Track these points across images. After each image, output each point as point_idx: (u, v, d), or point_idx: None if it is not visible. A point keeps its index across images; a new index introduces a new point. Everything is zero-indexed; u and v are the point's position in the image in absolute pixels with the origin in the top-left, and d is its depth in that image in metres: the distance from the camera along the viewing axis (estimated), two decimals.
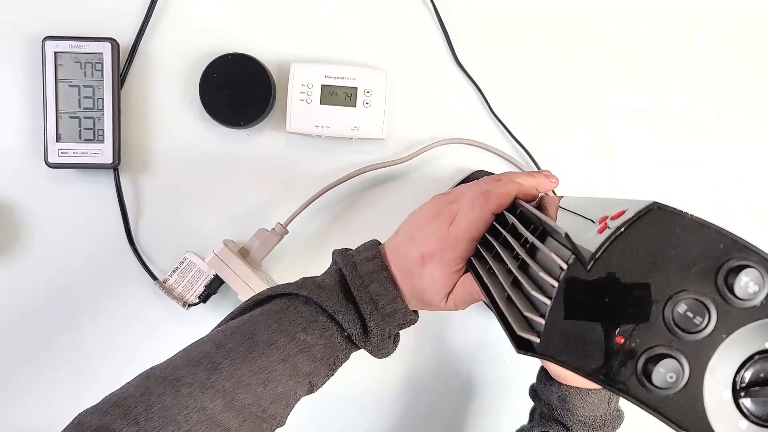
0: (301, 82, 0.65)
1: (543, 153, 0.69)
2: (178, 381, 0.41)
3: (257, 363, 0.43)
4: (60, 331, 0.68)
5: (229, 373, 0.42)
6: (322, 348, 0.45)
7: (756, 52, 0.70)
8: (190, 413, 0.40)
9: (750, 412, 0.27)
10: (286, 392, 0.45)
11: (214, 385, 0.41)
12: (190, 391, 0.41)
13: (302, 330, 0.45)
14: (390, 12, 0.68)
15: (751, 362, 0.27)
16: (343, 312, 0.45)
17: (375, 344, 0.47)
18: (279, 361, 0.44)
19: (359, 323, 0.46)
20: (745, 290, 0.26)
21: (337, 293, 0.46)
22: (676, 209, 0.27)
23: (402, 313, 0.47)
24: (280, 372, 0.44)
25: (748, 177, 0.71)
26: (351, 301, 0.46)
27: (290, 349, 0.44)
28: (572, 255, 0.28)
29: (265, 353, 0.44)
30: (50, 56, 0.63)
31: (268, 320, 0.45)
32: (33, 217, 0.67)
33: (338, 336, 0.46)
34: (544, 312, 0.29)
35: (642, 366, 0.28)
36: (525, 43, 0.69)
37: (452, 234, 0.45)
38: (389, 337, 0.48)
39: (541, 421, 0.55)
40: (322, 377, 0.47)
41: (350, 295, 0.46)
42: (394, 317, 0.47)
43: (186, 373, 0.42)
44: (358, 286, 0.46)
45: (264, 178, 0.69)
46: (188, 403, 0.40)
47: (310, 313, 0.46)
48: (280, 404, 0.45)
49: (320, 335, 0.45)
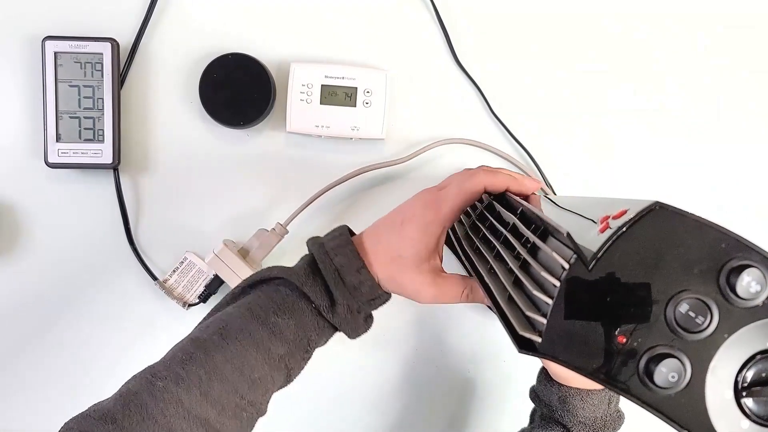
0: (301, 82, 0.65)
1: (543, 153, 0.69)
2: (153, 376, 0.41)
3: (230, 350, 0.43)
4: (60, 331, 0.68)
5: (202, 363, 0.42)
6: (294, 329, 0.46)
7: (756, 52, 0.70)
8: (167, 407, 0.40)
9: (752, 412, 0.27)
10: (263, 377, 0.45)
11: (188, 376, 0.41)
12: (164, 385, 0.41)
13: (273, 313, 0.46)
14: (390, 12, 0.68)
15: (753, 362, 0.27)
16: (309, 284, 0.46)
17: (343, 317, 0.47)
18: (252, 345, 0.44)
19: (326, 296, 0.47)
20: (747, 290, 0.27)
21: (305, 270, 0.47)
22: (678, 209, 0.27)
23: (368, 285, 0.47)
24: (254, 357, 0.44)
25: (748, 177, 0.71)
26: (318, 276, 0.47)
27: (263, 333, 0.45)
28: (574, 254, 0.28)
29: (238, 339, 0.44)
30: (50, 56, 0.63)
31: (240, 309, 0.46)
32: (33, 217, 0.67)
33: (309, 314, 0.47)
34: (546, 311, 0.29)
35: (644, 365, 0.28)
36: (525, 43, 0.69)
37: (439, 196, 0.48)
38: (358, 312, 0.49)
39: (541, 423, 0.55)
40: (298, 360, 0.48)
41: (318, 271, 0.47)
42: (361, 290, 0.47)
43: (161, 368, 0.42)
44: (324, 260, 0.47)
45: (264, 178, 0.69)
46: (164, 397, 0.40)
47: (280, 296, 0.47)
48: (258, 391, 0.45)
49: (291, 315, 0.46)
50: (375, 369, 0.71)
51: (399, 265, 0.48)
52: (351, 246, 0.48)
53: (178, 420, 0.40)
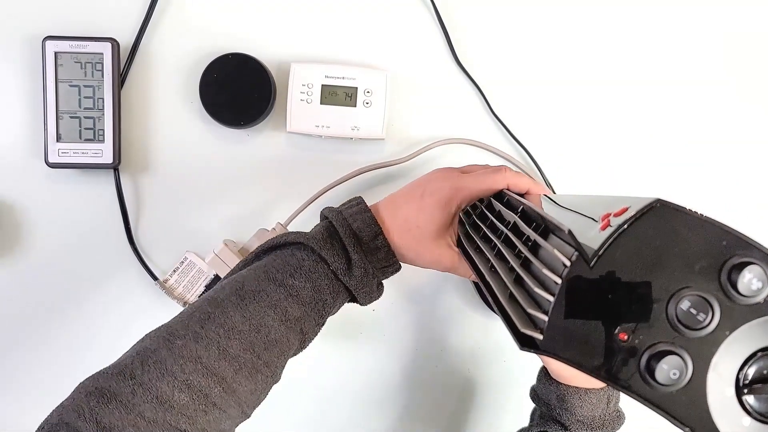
0: (301, 82, 0.65)
1: (543, 153, 0.69)
2: (171, 335, 0.42)
3: (248, 310, 0.44)
4: (60, 331, 0.68)
5: (221, 321, 0.43)
6: (310, 291, 0.47)
7: (756, 51, 0.70)
8: (186, 363, 0.40)
9: (753, 409, 0.27)
10: (280, 339, 0.45)
11: (207, 334, 0.42)
12: (184, 343, 0.41)
13: (290, 275, 0.47)
14: (390, 12, 0.68)
15: (755, 359, 0.27)
16: (327, 248, 0.47)
17: (359, 279, 0.48)
18: (269, 306, 0.45)
19: (343, 257, 0.48)
20: (749, 287, 0.27)
21: (322, 234, 0.49)
22: (680, 206, 0.27)
23: (385, 251, 0.49)
24: (271, 317, 0.45)
25: (748, 176, 0.71)
26: (336, 239, 0.49)
27: (279, 294, 0.46)
28: (575, 252, 0.28)
29: (256, 300, 0.45)
30: (50, 56, 0.63)
31: (256, 272, 0.47)
32: (33, 217, 0.67)
33: (325, 278, 0.48)
34: (547, 309, 0.29)
35: (645, 363, 0.28)
36: (525, 43, 0.69)
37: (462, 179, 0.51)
38: (373, 277, 0.50)
39: (541, 422, 0.55)
40: (312, 325, 0.48)
41: (336, 234, 0.49)
42: (377, 255, 0.49)
43: (179, 327, 0.43)
44: (342, 223, 0.49)
45: (264, 178, 0.69)
46: (183, 353, 0.41)
47: (296, 260, 0.47)
48: (274, 351, 0.45)
49: (307, 278, 0.47)
50: (375, 368, 0.71)
51: (417, 236, 0.50)
52: (369, 213, 0.50)
53: (196, 376, 0.40)
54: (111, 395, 0.38)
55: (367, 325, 0.70)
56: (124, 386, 0.39)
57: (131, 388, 0.38)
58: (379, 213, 0.51)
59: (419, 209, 0.50)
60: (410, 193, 0.51)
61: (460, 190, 0.50)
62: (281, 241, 0.49)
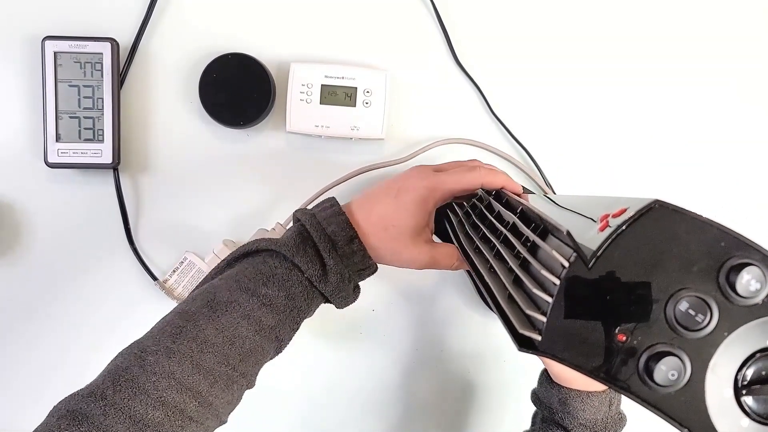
0: (301, 82, 0.65)
1: (543, 153, 0.69)
2: (143, 351, 0.41)
3: (221, 322, 0.43)
4: (60, 331, 0.68)
5: (193, 335, 0.42)
6: (284, 299, 0.46)
7: (756, 51, 0.70)
8: (159, 380, 0.40)
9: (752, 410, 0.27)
10: (254, 349, 0.45)
11: (180, 349, 0.41)
12: (156, 359, 0.41)
13: (262, 284, 0.46)
14: (390, 12, 0.68)
15: (753, 360, 0.27)
16: (300, 255, 0.46)
17: (335, 285, 0.48)
18: (242, 317, 0.44)
19: (318, 263, 0.47)
20: (747, 288, 0.27)
21: (294, 240, 0.47)
22: (678, 207, 0.27)
23: (360, 254, 0.48)
24: (245, 327, 0.44)
25: (748, 177, 0.71)
26: (310, 245, 0.47)
27: (252, 304, 0.45)
28: (574, 253, 0.28)
29: (228, 311, 0.44)
30: (50, 56, 0.63)
31: (228, 281, 0.46)
32: (33, 217, 0.67)
33: (299, 285, 0.47)
34: (546, 310, 0.29)
35: (644, 364, 0.28)
36: (525, 43, 0.69)
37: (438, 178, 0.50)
38: (349, 282, 0.49)
39: (542, 425, 0.55)
40: (288, 332, 0.48)
41: (310, 239, 0.47)
42: (353, 258, 0.48)
43: (151, 343, 0.42)
44: (316, 227, 0.48)
45: (264, 178, 0.69)
46: (155, 370, 0.40)
47: (269, 268, 0.46)
48: (249, 361, 0.45)
49: (281, 287, 0.46)
50: (374, 369, 0.71)
51: (393, 234, 0.49)
52: (343, 216, 0.49)
53: (170, 392, 0.40)
54: (83, 417, 0.37)
55: (367, 325, 0.70)
56: (95, 408, 0.38)
57: (103, 410, 0.38)
58: (354, 214, 0.50)
59: (395, 208, 0.49)
60: (385, 192, 0.50)
61: (435, 190, 0.50)
62: (253, 247, 0.48)
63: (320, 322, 0.70)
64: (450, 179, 0.50)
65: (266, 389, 0.70)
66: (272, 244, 0.47)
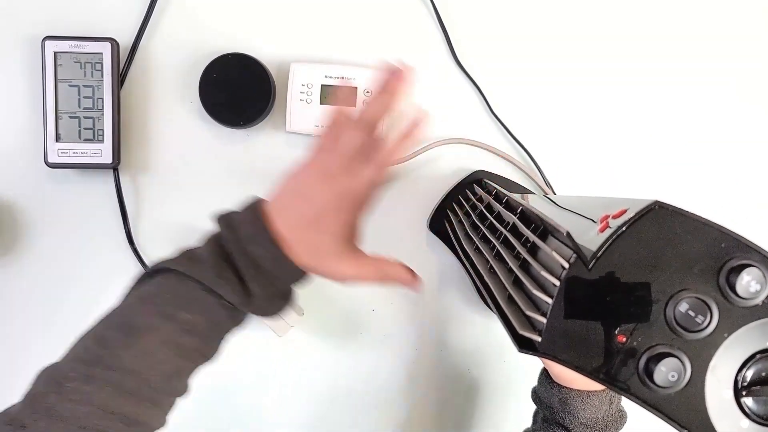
0: (301, 82, 0.65)
1: (543, 153, 0.69)
2: (63, 378, 0.40)
3: (138, 348, 0.42)
4: (59, 331, 0.68)
5: (110, 363, 0.41)
6: (205, 324, 0.44)
7: (756, 51, 0.70)
8: (77, 407, 0.39)
9: (751, 411, 0.27)
10: (179, 369, 0.43)
11: (99, 376, 0.40)
12: (74, 386, 0.40)
13: (182, 309, 0.43)
14: (390, 12, 0.68)
15: (753, 361, 0.27)
16: (222, 284, 0.43)
17: (259, 306, 0.45)
18: (161, 343, 0.42)
19: (240, 289, 0.43)
20: (747, 289, 0.27)
21: (214, 262, 0.43)
22: (678, 208, 0.27)
23: (289, 273, 0.45)
24: (164, 353, 0.42)
25: (748, 177, 0.71)
26: (230, 266, 0.44)
27: (172, 330, 0.42)
28: (574, 254, 0.28)
29: (145, 337, 0.42)
30: (50, 56, 0.63)
31: (145, 304, 0.44)
32: (32, 217, 0.67)
33: (220, 309, 0.44)
34: (546, 311, 0.29)
35: (644, 365, 0.28)
36: (525, 43, 0.69)
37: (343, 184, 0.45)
38: (277, 297, 0.46)
39: (543, 425, 0.55)
40: (213, 348, 0.46)
41: (230, 261, 0.44)
42: (280, 278, 0.45)
43: (68, 370, 0.41)
44: (237, 250, 0.43)
45: (264, 178, 0.68)
46: (74, 398, 0.39)
47: (188, 291, 0.43)
48: (174, 380, 0.43)
49: (201, 312, 0.43)
50: (375, 369, 0.71)
51: (319, 256, 0.45)
52: (267, 234, 0.43)
53: (92, 419, 0.39)
54: None
55: (367, 325, 0.70)
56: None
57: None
58: (280, 231, 0.44)
59: (318, 233, 0.44)
60: (306, 218, 0.44)
61: (344, 197, 0.45)
62: (171, 266, 0.44)
63: (320, 322, 0.70)
64: (354, 181, 0.45)
65: (266, 389, 0.71)
66: (190, 267, 0.44)
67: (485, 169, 0.68)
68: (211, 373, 0.69)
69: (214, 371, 0.69)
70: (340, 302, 0.70)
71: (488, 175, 0.68)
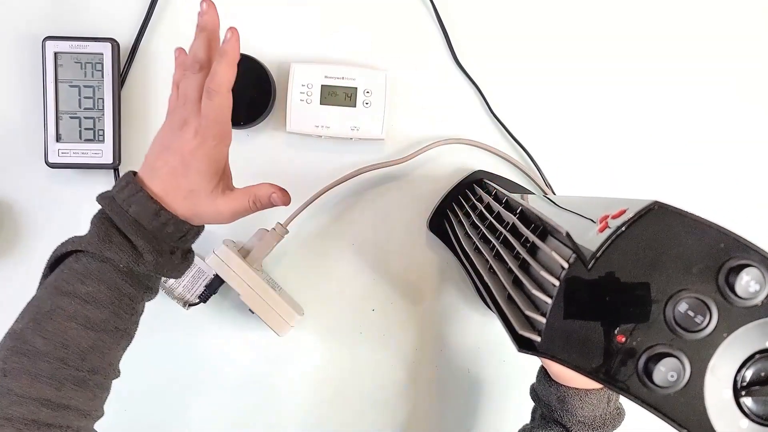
0: (301, 82, 0.65)
1: (542, 153, 0.69)
2: None
3: (47, 330, 0.43)
4: None
5: (23, 350, 0.42)
6: (107, 292, 0.46)
7: (756, 51, 0.70)
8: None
9: (751, 411, 0.27)
10: (94, 344, 0.45)
11: (13, 366, 0.42)
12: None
13: (80, 283, 0.45)
14: (390, 12, 0.68)
15: (752, 361, 0.27)
16: (107, 246, 0.45)
17: (154, 263, 0.47)
18: (68, 319, 0.44)
19: (129, 249, 0.46)
20: (746, 289, 0.27)
21: (98, 231, 0.46)
22: (677, 208, 0.27)
23: (173, 224, 0.47)
24: (74, 329, 0.44)
25: (748, 177, 0.71)
26: (116, 231, 0.46)
27: (75, 305, 0.44)
28: (573, 254, 0.29)
29: (52, 318, 0.44)
30: (50, 56, 0.63)
31: (47, 290, 0.46)
32: (33, 217, 0.67)
33: (116, 274, 0.46)
34: (545, 311, 0.29)
35: (643, 365, 0.28)
36: (525, 43, 0.69)
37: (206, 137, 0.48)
38: (172, 253, 0.48)
39: (541, 422, 0.55)
40: (126, 318, 0.47)
41: (114, 226, 0.46)
42: (165, 231, 0.47)
43: None
44: (118, 212, 0.46)
45: (263, 178, 0.68)
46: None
47: (82, 266, 0.46)
48: (93, 357, 0.45)
49: (99, 281, 0.45)
50: (374, 368, 0.71)
51: (195, 199, 0.48)
52: (143, 192, 0.47)
53: (15, 408, 0.40)
54: None
55: (367, 325, 0.70)
56: None
57: None
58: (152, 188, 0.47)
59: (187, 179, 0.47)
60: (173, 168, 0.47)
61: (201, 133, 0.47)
62: (63, 250, 0.47)
63: (320, 322, 0.70)
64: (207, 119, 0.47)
65: (266, 389, 0.71)
66: (78, 243, 0.46)
67: (485, 169, 0.68)
68: (211, 373, 0.69)
69: (214, 371, 0.70)
70: (340, 302, 0.70)
71: (488, 175, 0.68)
